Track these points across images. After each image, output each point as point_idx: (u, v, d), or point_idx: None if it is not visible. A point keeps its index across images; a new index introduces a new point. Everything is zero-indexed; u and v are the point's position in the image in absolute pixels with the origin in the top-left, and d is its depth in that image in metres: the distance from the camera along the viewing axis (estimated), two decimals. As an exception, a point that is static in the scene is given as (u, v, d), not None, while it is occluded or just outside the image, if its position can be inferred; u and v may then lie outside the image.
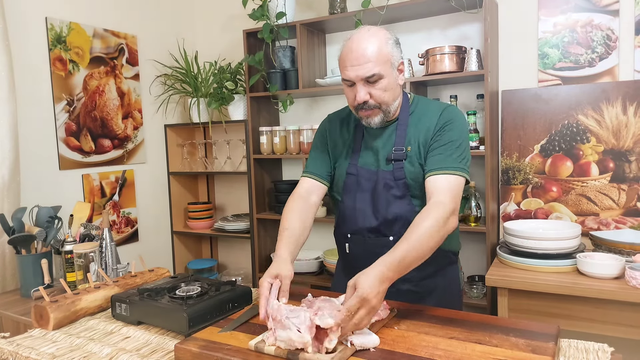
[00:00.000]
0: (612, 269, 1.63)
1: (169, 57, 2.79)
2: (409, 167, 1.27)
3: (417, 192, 1.27)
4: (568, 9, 2.07)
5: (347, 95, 1.27)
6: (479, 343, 0.98)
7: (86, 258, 1.55)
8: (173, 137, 2.84)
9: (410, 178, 1.26)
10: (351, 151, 1.35)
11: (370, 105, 1.23)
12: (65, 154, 2.24)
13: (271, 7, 2.42)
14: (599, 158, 2.02)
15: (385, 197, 1.29)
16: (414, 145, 1.28)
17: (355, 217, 1.32)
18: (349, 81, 1.23)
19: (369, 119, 1.26)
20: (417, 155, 1.27)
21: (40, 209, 1.84)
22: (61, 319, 1.23)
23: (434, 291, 1.36)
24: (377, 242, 1.30)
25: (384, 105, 1.25)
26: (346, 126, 1.40)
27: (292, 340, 0.94)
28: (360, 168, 1.33)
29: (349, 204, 1.34)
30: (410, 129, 1.29)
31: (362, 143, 1.35)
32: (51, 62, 2.17)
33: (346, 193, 1.35)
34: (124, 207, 2.54)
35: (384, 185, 1.29)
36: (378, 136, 1.33)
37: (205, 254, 3.09)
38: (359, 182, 1.32)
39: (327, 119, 1.46)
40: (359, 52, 1.19)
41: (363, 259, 1.19)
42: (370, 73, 1.19)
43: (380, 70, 1.20)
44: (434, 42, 2.31)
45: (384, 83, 1.22)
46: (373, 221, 1.30)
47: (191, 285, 1.33)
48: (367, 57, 1.19)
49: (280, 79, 2.50)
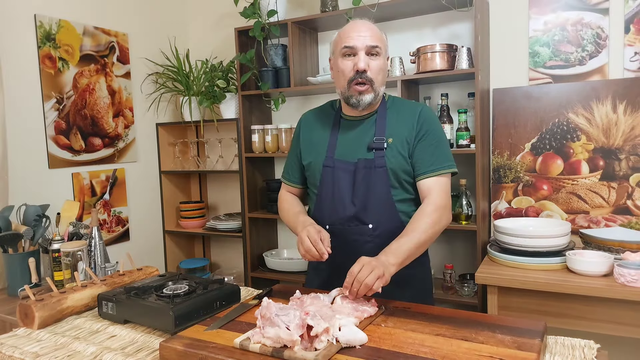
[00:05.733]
0: (600, 266, 1.63)
1: (160, 56, 2.78)
2: (389, 157, 1.31)
3: (396, 182, 1.32)
4: (558, 7, 2.08)
5: (343, 67, 1.29)
6: (465, 340, 0.98)
7: (74, 257, 1.54)
8: (165, 136, 2.82)
9: (389, 167, 1.31)
10: (328, 144, 1.39)
11: (367, 77, 1.28)
12: (54, 152, 2.22)
13: (262, 5, 2.41)
14: (589, 156, 2.03)
15: (365, 185, 1.32)
16: (396, 139, 1.32)
17: (334, 207, 1.35)
18: (350, 48, 1.27)
19: (361, 95, 1.29)
20: (400, 148, 1.32)
21: (28, 208, 1.82)
22: (46, 318, 1.22)
23: (412, 280, 1.38)
24: (357, 230, 1.32)
25: (376, 84, 1.30)
26: (323, 121, 1.44)
27: (280, 338, 0.94)
28: (337, 160, 1.35)
29: (326, 196, 1.37)
30: (390, 123, 1.35)
31: (339, 136, 1.38)
32: (40, 59, 2.16)
33: (323, 185, 1.38)
34: (114, 206, 2.53)
35: (364, 174, 1.32)
36: (356, 128, 1.37)
37: (197, 254, 3.07)
38: (335, 173, 1.35)
39: (303, 117, 1.51)
40: (365, 25, 1.29)
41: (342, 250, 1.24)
42: (374, 43, 1.27)
43: (381, 46, 1.29)
44: (425, 40, 2.32)
45: (381, 62, 1.30)
46: (352, 209, 1.33)
47: (179, 284, 1.32)
48: (372, 30, 1.29)
49: (272, 77, 2.49)
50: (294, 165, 1.48)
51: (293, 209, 1.43)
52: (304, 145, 1.44)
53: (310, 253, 1.23)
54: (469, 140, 2.09)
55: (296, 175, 1.49)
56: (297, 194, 1.52)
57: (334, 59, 1.35)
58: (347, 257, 1.20)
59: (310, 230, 1.24)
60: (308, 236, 1.23)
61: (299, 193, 1.52)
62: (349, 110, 1.38)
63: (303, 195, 1.52)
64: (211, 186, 3.06)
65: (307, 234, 1.24)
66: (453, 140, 2.14)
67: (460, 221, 2.10)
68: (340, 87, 1.33)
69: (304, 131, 1.46)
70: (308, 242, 1.23)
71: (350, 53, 1.28)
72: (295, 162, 1.48)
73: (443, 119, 2.13)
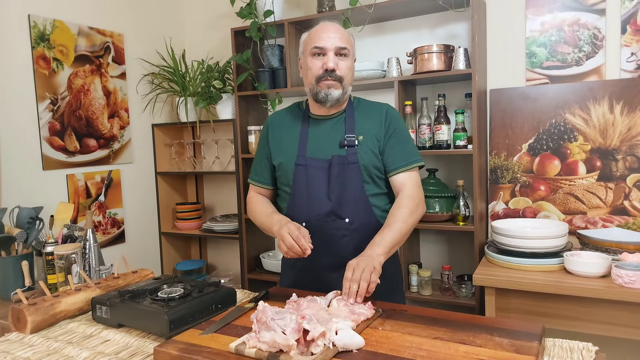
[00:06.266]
0: (598, 267, 1.63)
1: (156, 56, 2.76)
2: (361, 153, 1.36)
3: (368, 178, 1.37)
4: (555, 7, 2.07)
5: (312, 65, 1.35)
6: (463, 343, 0.97)
7: (67, 260, 1.52)
8: (160, 137, 2.81)
9: (362, 163, 1.36)
10: (298, 144, 1.41)
11: (336, 76, 1.33)
12: (48, 153, 2.20)
13: (259, 5, 2.40)
14: (586, 157, 2.03)
15: (340, 181, 1.35)
16: (366, 136, 1.38)
17: (310, 204, 1.37)
18: (320, 49, 1.33)
19: (330, 89, 1.34)
20: (371, 145, 1.37)
21: (21, 210, 1.80)
22: (39, 322, 1.21)
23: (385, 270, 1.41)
24: (334, 224, 1.35)
25: (345, 81, 1.35)
26: (291, 121, 1.46)
27: (276, 342, 0.93)
28: (309, 158, 1.39)
29: (301, 193, 1.39)
30: (358, 121, 1.40)
31: (309, 135, 1.41)
32: (34, 60, 2.14)
33: (296, 183, 1.39)
34: (110, 207, 2.51)
35: (339, 170, 1.36)
36: (325, 126, 1.41)
37: (194, 255, 3.06)
38: (309, 171, 1.38)
39: (271, 118, 1.52)
40: (334, 27, 1.35)
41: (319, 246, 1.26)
42: (343, 44, 1.33)
43: (349, 48, 1.35)
44: (422, 40, 2.31)
45: (349, 62, 1.36)
46: (329, 205, 1.36)
47: (174, 287, 1.31)
48: (341, 32, 1.35)
49: (269, 78, 2.48)
50: (264, 167, 1.49)
51: (265, 210, 1.44)
52: (274, 146, 1.46)
53: (293, 249, 1.24)
54: (466, 141, 2.08)
55: (266, 176, 1.50)
56: (268, 196, 1.52)
57: (303, 58, 1.40)
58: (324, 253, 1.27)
59: (291, 227, 1.26)
60: (289, 233, 1.25)
61: (270, 194, 1.53)
62: (317, 109, 1.42)
63: (273, 196, 1.54)
64: (207, 187, 3.04)
65: (288, 231, 1.25)
66: (450, 141, 2.14)
67: (458, 222, 2.09)
68: (309, 85, 1.38)
69: (272, 132, 1.48)
70: (290, 239, 1.24)
71: (320, 53, 1.34)
72: (265, 163, 1.49)
73: (440, 119, 2.12)
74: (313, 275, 1.41)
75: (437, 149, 2.14)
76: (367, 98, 1.49)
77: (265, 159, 1.49)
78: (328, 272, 1.39)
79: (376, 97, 2.40)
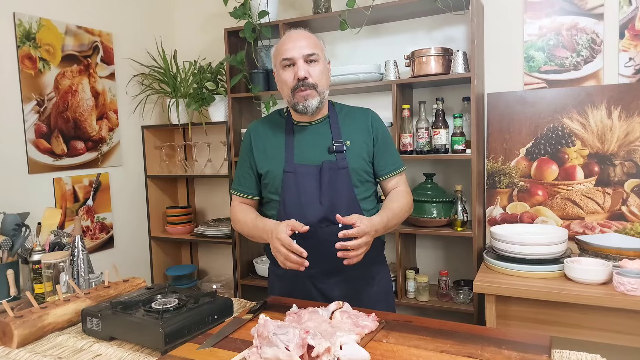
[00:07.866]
0: (599, 274, 1.61)
1: (146, 56, 2.70)
2: (350, 158, 1.36)
3: (358, 182, 1.38)
4: (553, 12, 2.06)
5: (285, 78, 1.34)
6: (471, 357, 0.94)
7: (55, 268, 1.46)
8: (151, 139, 2.74)
9: (352, 168, 1.36)
10: (285, 151, 1.39)
11: (309, 84, 1.31)
12: (34, 156, 2.12)
13: (253, 5, 2.35)
14: (584, 162, 2.02)
15: (332, 186, 1.34)
16: (354, 142, 1.38)
17: (302, 210, 1.34)
18: (289, 60, 1.32)
19: (307, 100, 1.32)
20: (359, 150, 1.38)
21: (6, 216, 1.73)
22: (26, 336, 1.15)
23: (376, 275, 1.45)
24: (328, 230, 1.32)
25: (320, 87, 1.34)
26: (274, 129, 1.44)
27: (279, 359, 0.88)
28: (298, 165, 1.37)
29: (291, 200, 1.36)
30: (344, 126, 1.40)
31: (295, 142, 1.39)
32: (19, 59, 2.06)
33: (286, 191, 1.36)
34: (98, 212, 2.44)
35: (330, 176, 1.34)
36: (310, 132, 1.40)
37: (185, 260, 2.99)
38: (299, 178, 1.35)
39: (252, 127, 1.49)
40: (300, 35, 1.35)
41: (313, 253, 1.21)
42: (311, 51, 1.32)
43: (318, 52, 1.34)
44: (420, 43, 2.28)
45: (320, 67, 1.34)
46: (321, 210, 1.34)
47: (168, 297, 1.26)
48: (307, 38, 1.34)
49: (263, 80, 2.43)
50: (248, 177, 1.45)
51: (249, 217, 1.40)
52: (258, 155, 1.42)
53: (290, 259, 1.20)
54: (464, 145, 2.06)
55: (250, 186, 1.46)
56: (252, 206, 1.49)
57: (276, 71, 1.39)
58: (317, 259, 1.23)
59: (281, 237, 1.20)
60: (282, 244, 1.20)
61: (254, 204, 1.49)
62: (299, 117, 1.41)
63: (257, 207, 1.50)
64: (199, 191, 2.98)
65: (280, 242, 1.20)
66: (448, 145, 2.11)
67: (456, 227, 2.07)
68: (286, 97, 1.37)
69: (255, 141, 1.45)
70: (284, 250, 1.20)
71: (290, 64, 1.33)
72: (249, 173, 1.45)
73: (438, 123, 2.10)
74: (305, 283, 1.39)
75: (435, 154, 2.11)
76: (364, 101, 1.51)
77: (248, 169, 1.45)
78: (321, 279, 1.37)
79: (373, 100, 2.39)
